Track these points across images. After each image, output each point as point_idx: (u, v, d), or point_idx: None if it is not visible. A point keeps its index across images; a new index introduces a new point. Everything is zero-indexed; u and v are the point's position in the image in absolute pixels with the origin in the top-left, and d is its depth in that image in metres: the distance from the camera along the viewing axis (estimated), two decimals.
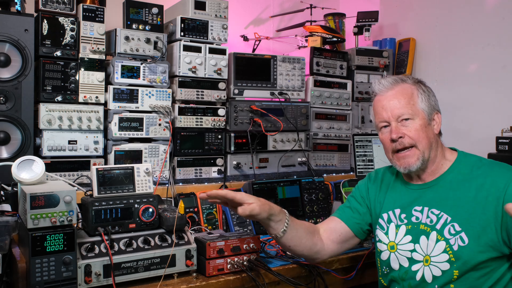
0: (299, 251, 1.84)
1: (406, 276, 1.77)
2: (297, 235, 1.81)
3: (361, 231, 1.95)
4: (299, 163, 2.99)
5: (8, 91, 2.20)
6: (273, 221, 1.74)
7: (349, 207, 1.99)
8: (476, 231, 1.64)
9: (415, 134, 1.74)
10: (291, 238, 1.79)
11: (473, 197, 1.68)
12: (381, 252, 1.86)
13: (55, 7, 2.34)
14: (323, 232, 1.91)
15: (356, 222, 1.94)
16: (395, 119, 1.77)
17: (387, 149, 1.82)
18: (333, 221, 1.96)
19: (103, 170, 1.85)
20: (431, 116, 1.78)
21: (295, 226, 1.81)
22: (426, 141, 1.75)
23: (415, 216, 1.79)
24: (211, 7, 2.74)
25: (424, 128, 1.75)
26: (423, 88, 1.80)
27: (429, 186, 1.80)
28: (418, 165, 1.75)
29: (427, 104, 1.77)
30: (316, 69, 3.15)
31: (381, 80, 1.84)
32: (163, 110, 2.57)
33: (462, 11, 3.17)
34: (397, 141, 1.76)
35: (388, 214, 1.86)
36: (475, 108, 3.04)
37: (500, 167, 1.72)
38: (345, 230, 1.93)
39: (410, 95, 1.77)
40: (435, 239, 1.71)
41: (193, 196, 2.46)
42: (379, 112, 1.82)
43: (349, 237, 1.94)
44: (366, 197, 1.98)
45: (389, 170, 1.98)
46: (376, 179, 2.00)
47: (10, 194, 1.91)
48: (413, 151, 1.75)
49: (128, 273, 1.75)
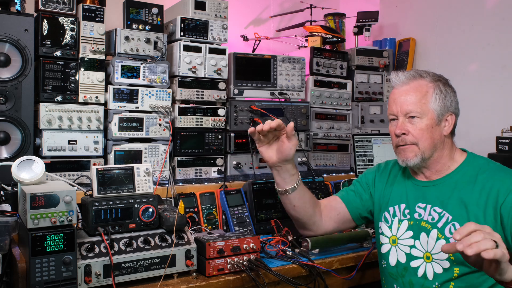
0: (300, 213, 1.93)
1: (405, 273, 1.78)
2: (303, 197, 1.92)
3: (360, 216, 2.01)
4: (299, 163, 2.99)
5: (8, 91, 2.20)
6: (289, 172, 1.88)
7: (353, 191, 2.04)
8: None
9: (419, 133, 1.74)
10: (298, 198, 1.90)
11: (476, 199, 1.69)
12: (382, 245, 1.88)
13: (55, 7, 2.34)
14: (323, 208, 2.00)
15: (357, 206, 2.00)
16: (403, 114, 1.77)
17: (392, 141, 1.85)
18: (335, 200, 2.03)
19: (103, 170, 1.85)
20: (442, 117, 1.76)
21: (304, 189, 1.93)
22: (429, 142, 1.75)
23: (418, 213, 1.80)
24: (211, 7, 2.74)
25: (430, 129, 1.74)
26: (441, 88, 1.77)
27: (434, 184, 1.81)
28: (416, 161, 1.76)
29: (441, 104, 1.75)
30: (316, 69, 3.15)
31: (399, 72, 1.83)
32: (163, 110, 2.56)
33: (462, 11, 3.17)
34: (400, 137, 1.78)
35: (394, 208, 1.88)
36: (475, 108, 3.04)
37: (505, 173, 1.71)
38: (344, 211, 2.00)
39: (424, 93, 1.76)
40: (436, 237, 1.72)
41: (193, 196, 2.46)
42: (390, 105, 1.84)
43: (346, 220, 2.01)
44: (371, 185, 2.02)
45: (398, 163, 1.99)
46: (385, 170, 2.02)
47: (10, 194, 1.91)
48: (412, 147, 1.76)
49: (128, 273, 1.75)
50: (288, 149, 1.86)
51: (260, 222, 2.50)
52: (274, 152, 1.89)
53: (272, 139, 1.90)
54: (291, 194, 1.87)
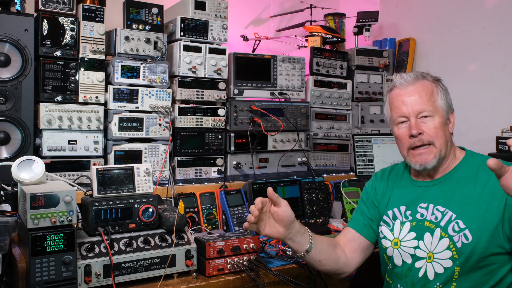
0: (328, 263, 1.84)
1: (409, 273, 1.78)
2: (324, 248, 1.82)
3: (375, 235, 1.96)
4: (299, 163, 2.99)
5: (8, 91, 2.20)
6: (300, 232, 1.76)
7: (361, 214, 2.00)
8: (480, 228, 1.64)
9: (434, 131, 1.73)
10: (320, 250, 1.80)
11: (478, 194, 1.69)
12: (386, 248, 1.87)
13: (55, 7, 2.34)
14: (344, 245, 1.93)
15: (368, 229, 1.95)
16: (415, 115, 1.75)
17: (404, 145, 1.80)
18: (350, 233, 1.97)
19: (103, 170, 1.85)
20: (448, 115, 1.78)
21: (319, 239, 1.83)
22: (443, 139, 1.74)
23: (420, 213, 1.79)
24: (211, 7, 2.74)
25: (443, 126, 1.75)
26: (441, 86, 1.80)
27: (435, 184, 1.80)
28: (435, 163, 1.75)
29: (445, 102, 1.77)
30: (316, 69, 3.15)
31: (402, 74, 1.83)
32: (163, 110, 2.56)
33: (462, 11, 3.17)
34: (417, 137, 1.74)
35: (393, 211, 1.87)
36: (475, 108, 3.04)
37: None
38: (361, 239, 1.94)
39: (431, 92, 1.77)
40: (439, 235, 1.71)
41: (193, 196, 2.46)
42: (398, 106, 1.79)
43: (367, 246, 1.95)
44: (374, 198, 1.99)
45: (395, 168, 1.99)
46: (383, 177, 2.01)
47: (10, 194, 1.91)
48: (431, 149, 1.74)
49: (128, 273, 1.75)
50: (284, 212, 1.72)
51: None
52: (277, 225, 1.75)
53: (266, 217, 1.76)
54: (312, 252, 1.78)
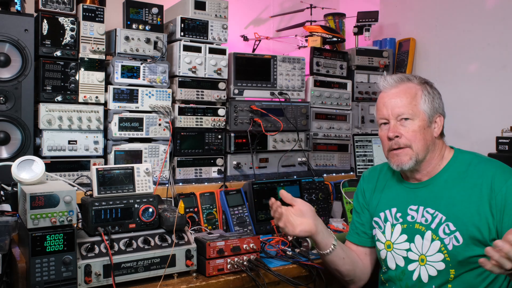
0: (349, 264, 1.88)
1: (403, 276, 1.78)
2: (343, 246, 1.90)
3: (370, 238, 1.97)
4: (299, 163, 2.99)
5: (8, 91, 2.20)
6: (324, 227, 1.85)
7: (352, 223, 2.03)
8: (470, 230, 1.64)
9: (412, 135, 1.74)
10: (342, 248, 1.87)
11: (468, 196, 1.68)
12: (380, 251, 1.87)
13: (55, 7, 2.34)
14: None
15: (362, 236, 1.97)
16: (395, 117, 1.77)
17: (384, 146, 1.84)
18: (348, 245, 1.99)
19: (103, 170, 1.85)
20: (432, 118, 1.77)
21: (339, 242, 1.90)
22: (422, 143, 1.74)
23: (410, 215, 1.79)
24: (211, 7, 2.74)
25: (423, 130, 1.74)
26: (428, 90, 1.79)
27: (424, 185, 1.80)
28: (411, 164, 1.75)
29: (430, 106, 1.76)
30: (316, 69, 3.15)
31: (386, 76, 1.85)
32: (163, 110, 2.56)
33: (462, 11, 3.17)
34: (393, 140, 1.76)
35: (384, 213, 1.87)
36: (475, 108, 3.04)
37: (496, 167, 1.71)
38: (359, 248, 1.98)
39: (414, 95, 1.76)
40: (430, 238, 1.71)
41: (193, 196, 2.46)
42: (379, 109, 1.83)
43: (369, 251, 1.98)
44: (364, 202, 2.00)
45: (387, 167, 1.98)
46: (370, 178, 2.01)
47: (10, 194, 1.91)
48: (406, 151, 1.75)
49: (128, 273, 1.75)
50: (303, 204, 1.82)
51: (260, 222, 2.51)
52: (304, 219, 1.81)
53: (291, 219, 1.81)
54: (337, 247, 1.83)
